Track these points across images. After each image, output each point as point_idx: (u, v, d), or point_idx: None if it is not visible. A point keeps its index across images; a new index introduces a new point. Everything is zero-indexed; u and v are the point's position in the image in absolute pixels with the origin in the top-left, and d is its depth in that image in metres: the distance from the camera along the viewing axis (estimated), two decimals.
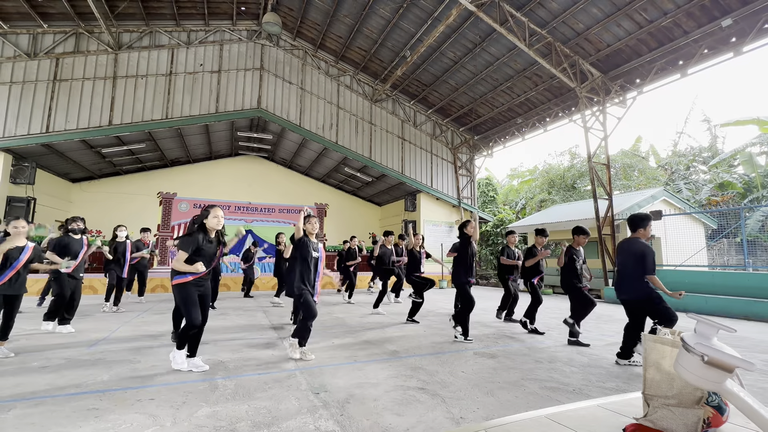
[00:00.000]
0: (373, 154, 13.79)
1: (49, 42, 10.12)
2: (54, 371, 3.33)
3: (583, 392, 3.01)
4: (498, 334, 5.38)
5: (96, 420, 2.35)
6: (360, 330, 5.50)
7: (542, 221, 14.53)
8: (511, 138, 14.96)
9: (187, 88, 11.31)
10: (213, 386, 2.99)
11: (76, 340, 4.59)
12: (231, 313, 6.88)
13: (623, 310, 4.10)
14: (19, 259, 3.89)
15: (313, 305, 3.87)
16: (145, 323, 5.78)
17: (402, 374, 3.38)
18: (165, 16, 10.92)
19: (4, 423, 2.29)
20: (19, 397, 2.72)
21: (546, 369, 3.64)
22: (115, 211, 12.78)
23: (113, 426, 2.27)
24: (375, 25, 11.21)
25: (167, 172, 14.30)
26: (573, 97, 11.87)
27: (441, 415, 2.51)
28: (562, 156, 25.28)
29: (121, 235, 6.92)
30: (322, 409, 2.58)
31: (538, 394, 2.94)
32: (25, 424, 2.27)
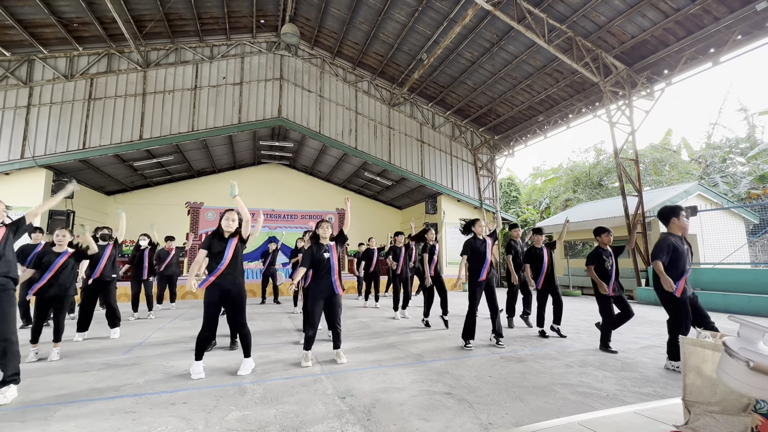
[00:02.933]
0: (393, 158, 13.83)
1: (84, 63, 10.73)
2: (94, 375, 3.50)
3: (618, 398, 2.89)
4: (525, 337, 5.25)
5: (133, 423, 2.45)
6: (384, 334, 5.50)
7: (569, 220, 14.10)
8: (532, 136, 14.66)
9: (211, 101, 11.72)
10: (242, 390, 3.06)
11: (114, 345, 4.80)
12: (257, 318, 7.03)
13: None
14: (56, 262, 4.20)
15: (313, 317, 3.86)
16: (177, 329, 5.98)
17: (427, 379, 3.35)
18: (189, 33, 11.38)
19: (51, 424, 2.42)
20: (64, 399, 2.86)
21: (577, 373, 3.52)
22: (147, 221, 13.28)
23: (149, 429, 2.36)
24: (391, 29, 11.28)
25: (194, 183, 14.81)
26: (597, 92, 11.52)
27: (469, 421, 2.47)
28: (587, 153, 24.55)
29: (142, 244, 7.21)
30: (348, 413, 2.59)
31: (569, 400, 2.84)
32: (70, 426, 2.39)
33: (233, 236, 3.53)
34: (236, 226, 3.56)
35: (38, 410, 2.66)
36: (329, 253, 4.05)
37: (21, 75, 10.24)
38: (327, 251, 4.05)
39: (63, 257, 4.29)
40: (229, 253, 3.42)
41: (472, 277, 4.67)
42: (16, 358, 2.85)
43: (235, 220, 3.56)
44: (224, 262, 3.40)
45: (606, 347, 4.40)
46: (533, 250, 5.60)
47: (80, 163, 10.57)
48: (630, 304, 4.57)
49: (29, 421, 2.48)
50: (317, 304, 3.92)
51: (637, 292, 10.00)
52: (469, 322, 4.62)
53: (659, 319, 6.89)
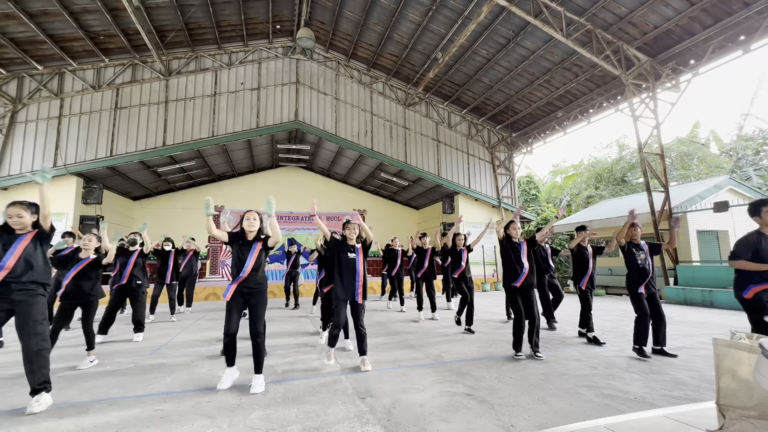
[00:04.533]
0: (409, 158, 13.80)
1: (110, 74, 11.17)
2: (123, 375, 3.63)
3: (647, 401, 2.79)
4: (547, 338, 5.14)
5: (161, 420, 2.53)
6: (402, 335, 5.49)
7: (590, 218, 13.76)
8: (551, 133, 14.36)
9: (230, 107, 12.00)
10: (264, 390, 3.11)
11: (141, 346, 4.97)
12: (277, 320, 7.14)
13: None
14: (76, 267, 4.15)
15: (338, 318, 3.81)
16: (201, 329, 6.14)
17: (447, 380, 3.32)
18: (208, 41, 11.68)
19: (85, 420, 2.53)
20: (96, 398, 2.99)
21: (602, 375, 3.42)
22: (171, 225, 13.72)
23: (176, 427, 2.43)
24: (405, 30, 11.27)
25: (215, 187, 15.18)
26: (618, 85, 11.19)
27: (490, 423, 2.43)
28: (609, 148, 23.85)
29: (166, 248, 7.37)
30: (368, 414, 2.60)
31: (594, 402, 2.77)
32: (102, 424, 2.49)
33: (257, 240, 3.42)
34: (258, 226, 3.46)
35: (73, 407, 2.78)
36: (356, 254, 3.95)
37: (53, 87, 10.75)
38: (353, 252, 3.96)
39: (83, 262, 4.23)
40: (252, 261, 3.33)
41: (508, 282, 4.37)
42: (46, 365, 2.86)
43: (257, 219, 3.46)
44: (246, 269, 3.30)
45: (640, 350, 4.07)
46: (579, 248, 5.27)
47: (108, 170, 11.00)
48: (661, 307, 4.30)
49: (65, 417, 2.59)
50: (342, 305, 3.87)
51: (665, 291, 9.64)
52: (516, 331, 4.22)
53: (688, 319, 6.62)
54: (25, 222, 3.01)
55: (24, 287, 2.86)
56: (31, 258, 2.94)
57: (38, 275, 2.95)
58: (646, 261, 4.34)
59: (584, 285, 5.13)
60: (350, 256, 3.92)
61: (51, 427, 2.45)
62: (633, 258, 4.36)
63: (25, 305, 2.86)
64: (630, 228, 4.47)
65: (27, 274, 2.89)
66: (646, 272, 4.26)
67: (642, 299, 4.23)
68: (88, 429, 2.41)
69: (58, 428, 2.42)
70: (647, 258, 4.37)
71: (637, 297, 4.25)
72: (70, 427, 2.44)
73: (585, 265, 5.17)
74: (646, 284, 4.26)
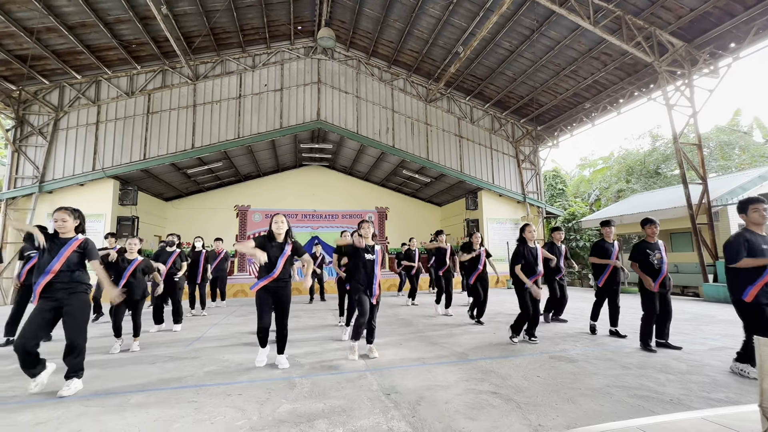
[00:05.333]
0: (431, 155, 13.70)
1: (142, 81, 11.68)
2: (160, 366, 3.82)
3: (683, 403, 2.67)
4: (577, 336, 5.00)
5: (195, 411, 2.64)
6: (426, 331, 5.48)
7: (621, 213, 13.24)
8: (578, 125, 13.89)
9: (254, 108, 12.29)
10: (291, 384, 3.19)
11: (176, 339, 5.20)
12: (303, 315, 7.29)
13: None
14: (128, 269, 4.66)
15: (364, 303, 3.96)
16: (231, 324, 6.36)
17: (472, 377, 3.30)
18: (232, 45, 11.99)
19: (127, 409, 2.69)
20: (136, 388, 3.16)
21: (635, 375, 3.30)
22: (201, 225, 14.26)
23: (209, 417, 2.54)
24: (425, 25, 11.17)
25: (241, 187, 15.61)
26: (651, 73, 10.68)
27: (516, 421, 2.40)
28: (642, 139, 22.86)
29: (197, 245, 7.70)
30: (393, 410, 2.62)
31: (627, 403, 2.68)
32: (143, 412, 2.64)
33: (287, 244, 3.70)
34: (286, 229, 3.74)
35: (115, 397, 2.95)
36: (374, 255, 4.09)
37: (90, 95, 11.36)
38: (371, 252, 4.09)
39: (134, 264, 4.72)
40: (282, 262, 3.62)
41: (520, 283, 4.64)
42: (81, 356, 3.13)
43: (284, 222, 3.74)
44: (277, 270, 3.59)
45: (646, 345, 4.17)
46: (603, 243, 5.15)
47: (142, 173, 11.52)
48: (671, 304, 4.33)
49: (108, 407, 2.76)
50: (364, 296, 4.01)
51: (703, 288, 9.16)
52: (520, 320, 4.64)
53: (730, 318, 6.27)
54: (68, 226, 3.19)
55: (67, 287, 3.09)
56: (75, 262, 3.16)
57: (80, 276, 3.19)
58: (662, 261, 4.26)
59: (601, 283, 5.00)
60: (368, 258, 4.06)
61: (97, 414, 2.61)
62: (646, 257, 4.28)
63: (71, 305, 3.09)
64: (648, 226, 4.40)
65: (70, 275, 3.12)
66: (661, 272, 4.23)
67: (654, 298, 4.21)
68: (130, 417, 2.56)
69: (102, 417, 2.58)
70: (663, 257, 4.29)
71: (650, 295, 4.22)
72: (114, 415, 2.60)
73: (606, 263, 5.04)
74: (661, 282, 4.22)
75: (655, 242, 4.36)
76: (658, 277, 4.20)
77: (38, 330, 2.98)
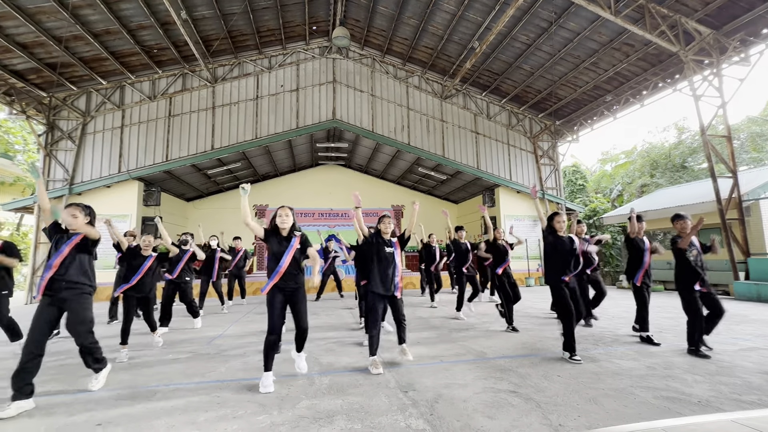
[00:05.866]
0: (446, 152, 13.59)
1: (164, 85, 12.02)
2: (183, 363, 3.93)
3: (712, 405, 2.58)
4: (598, 335, 4.89)
5: (218, 406, 2.72)
6: (444, 330, 5.46)
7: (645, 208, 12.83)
8: (599, 118, 13.51)
9: (271, 109, 12.48)
10: (310, 381, 3.24)
11: (198, 336, 5.35)
12: (321, 313, 7.37)
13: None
14: (143, 265, 4.62)
15: (376, 314, 3.74)
16: (251, 322, 6.49)
17: (491, 376, 3.27)
18: (249, 47, 12.19)
19: (153, 404, 2.79)
20: (162, 383, 3.27)
21: (661, 376, 3.20)
22: (221, 224, 14.51)
23: (232, 412, 2.60)
24: (440, 21, 11.07)
25: (259, 186, 15.88)
26: (676, 63, 10.28)
27: (536, 421, 2.37)
28: (667, 132, 22.04)
29: (212, 244, 7.84)
30: (411, 407, 2.63)
31: (652, 404, 2.60)
32: (169, 407, 2.73)
33: (294, 237, 3.39)
34: (291, 222, 3.42)
35: (143, 392, 3.07)
36: (392, 248, 3.93)
37: (115, 100, 11.76)
38: (390, 246, 3.93)
39: (149, 261, 4.71)
40: (288, 256, 3.30)
41: (553, 277, 4.07)
42: (97, 352, 3.13)
43: (289, 215, 3.41)
44: (283, 264, 3.26)
45: (697, 351, 3.86)
46: (634, 240, 4.86)
47: (164, 174, 11.87)
48: (720, 300, 4.03)
49: (136, 400, 2.87)
50: (380, 301, 3.80)
51: (734, 286, 8.79)
52: (567, 332, 3.86)
53: (763, 317, 6.00)
54: (78, 222, 3.09)
55: (70, 286, 3.00)
56: (78, 258, 3.07)
57: (84, 274, 3.09)
58: (699, 257, 4.02)
59: (639, 281, 4.78)
60: (387, 251, 3.89)
61: (125, 410, 2.72)
62: (683, 254, 4.04)
63: (73, 303, 3.01)
64: (678, 221, 4.15)
65: (73, 273, 3.02)
66: (701, 269, 3.97)
67: (697, 299, 3.94)
68: (157, 412, 2.65)
69: (132, 411, 2.68)
70: (699, 254, 4.05)
71: (692, 297, 3.94)
72: (141, 410, 2.70)
73: (640, 259, 4.82)
74: (701, 281, 3.97)
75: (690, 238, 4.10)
76: (698, 277, 3.93)
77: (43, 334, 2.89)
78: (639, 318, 4.68)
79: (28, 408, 2.71)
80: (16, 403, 2.65)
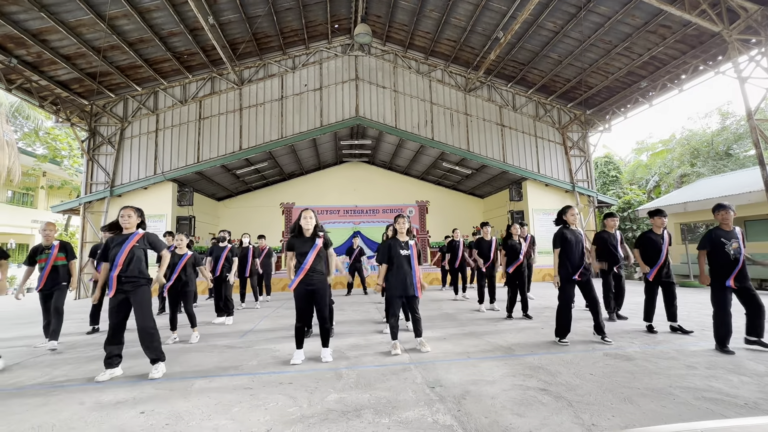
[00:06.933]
0: (471, 146, 13.37)
1: (194, 89, 12.48)
2: (218, 355, 4.11)
3: (760, 407, 2.43)
4: (634, 333, 4.69)
5: (251, 397, 2.82)
6: (470, 325, 5.41)
7: (684, 199, 12.16)
8: (633, 106, 12.87)
9: (295, 108, 12.70)
10: (338, 375, 3.30)
11: (231, 330, 5.57)
12: (347, 309, 7.47)
13: None
14: (179, 264, 5.09)
15: (394, 305, 3.98)
16: (280, 317, 6.68)
17: (520, 373, 3.22)
18: (273, 48, 12.44)
19: (190, 394, 2.93)
20: (198, 374, 3.43)
21: (703, 376, 3.04)
22: (250, 222, 15.04)
23: (264, 404, 2.70)
24: (463, 12, 10.85)
25: (286, 185, 16.25)
26: (719, 44, 9.63)
27: (568, 419, 2.32)
28: (709, 117, 20.66)
29: (245, 241, 8.12)
30: (438, 403, 2.63)
31: (692, 405, 2.48)
32: (205, 396, 2.86)
33: (317, 237, 3.71)
34: (314, 223, 3.74)
35: (180, 382, 3.23)
36: (408, 250, 4.04)
37: (150, 105, 12.33)
38: (405, 248, 4.04)
39: (184, 259, 5.16)
40: (312, 255, 3.63)
41: (563, 271, 4.28)
42: (157, 340, 3.48)
43: (312, 218, 3.74)
44: (307, 262, 3.61)
45: (723, 347, 3.72)
46: (650, 234, 4.79)
47: (196, 175, 12.36)
48: (759, 298, 3.77)
49: (175, 390, 3.02)
50: (396, 300, 3.98)
51: None
52: (560, 317, 4.23)
53: None
54: (132, 222, 3.54)
55: (131, 280, 3.42)
56: (137, 254, 3.48)
57: (142, 269, 3.51)
58: (739, 251, 3.77)
59: (651, 276, 4.61)
60: (403, 253, 4.00)
61: (165, 399, 2.87)
62: (720, 247, 3.81)
63: (135, 294, 3.43)
64: (720, 212, 3.92)
65: (133, 268, 3.44)
66: (737, 263, 3.74)
67: (727, 294, 3.75)
68: (194, 400, 2.79)
69: (171, 400, 2.83)
70: (740, 247, 3.79)
71: (722, 291, 3.77)
72: (180, 398, 2.85)
73: (656, 255, 4.61)
74: (736, 276, 3.73)
75: (732, 230, 3.89)
76: (735, 269, 3.73)
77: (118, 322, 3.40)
78: (645, 309, 4.78)
79: (118, 374, 3.42)
80: (108, 371, 3.36)
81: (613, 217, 5.84)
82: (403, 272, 3.97)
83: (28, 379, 3.44)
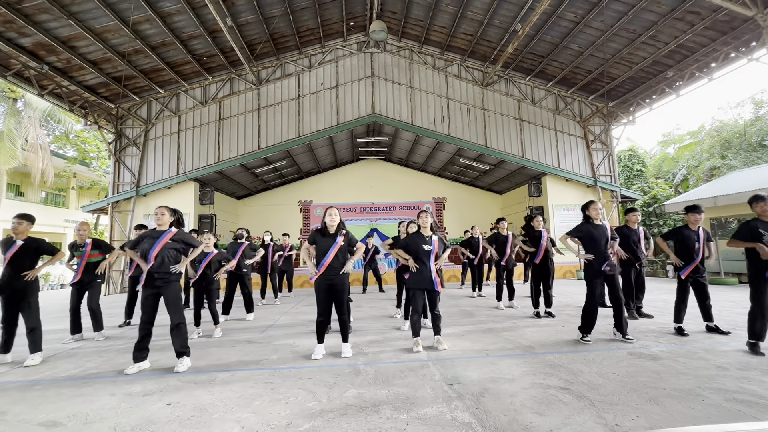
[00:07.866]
0: (489, 141, 13.18)
1: (214, 90, 12.76)
2: (240, 350, 4.21)
3: None
4: (660, 332, 4.55)
5: (272, 392, 2.88)
6: (489, 323, 5.36)
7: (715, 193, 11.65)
8: (659, 97, 12.39)
9: (312, 107, 12.81)
10: (357, 371, 3.33)
11: (252, 325, 5.70)
12: (365, 306, 7.52)
13: None
14: (204, 261, 5.29)
15: (417, 304, 4.06)
16: (300, 313, 6.79)
17: (540, 371, 3.17)
18: (290, 48, 12.56)
19: (214, 386, 3.02)
20: (220, 368, 3.53)
21: (734, 377, 2.92)
22: (268, 219, 15.30)
23: (284, 398, 2.75)
24: (479, 5, 10.67)
25: (303, 183, 16.43)
26: (752, 29, 9.15)
27: (590, 419, 2.27)
28: (741, 107, 19.69)
29: (266, 239, 8.29)
30: (456, 400, 2.62)
31: (723, 407, 2.39)
32: (228, 389, 2.95)
33: (339, 235, 3.83)
34: (338, 221, 3.88)
35: (204, 375, 3.33)
36: (431, 246, 4.09)
37: (172, 107, 12.68)
38: (428, 244, 4.09)
39: (209, 256, 5.37)
40: (333, 251, 3.76)
41: (589, 266, 4.24)
42: (184, 335, 3.62)
43: (337, 215, 3.90)
44: (328, 258, 3.74)
45: (754, 346, 3.58)
46: (685, 230, 4.56)
47: (217, 174, 12.65)
48: None
49: (199, 383, 3.12)
50: (419, 293, 4.06)
51: None
52: (587, 314, 4.15)
53: None
54: (165, 220, 3.72)
55: (162, 276, 3.56)
56: (168, 251, 3.64)
57: (173, 265, 3.67)
58: None
59: (684, 275, 4.43)
60: (425, 249, 4.06)
61: (190, 392, 2.97)
62: (758, 238, 3.62)
63: (166, 290, 3.58)
64: (758, 203, 3.73)
65: (165, 265, 3.60)
66: None
67: (764, 288, 3.59)
68: (217, 393, 2.87)
69: (195, 393, 2.92)
70: None
71: (762, 285, 3.59)
72: (204, 391, 2.94)
73: (689, 252, 4.42)
74: None
75: None
76: None
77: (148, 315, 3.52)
78: (675, 309, 4.53)
79: (146, 367, 3.52)
80: (136, 365, 3.48)
81: (635, 212, 5.66)
82: (424, 268, 4.05)
83: (63, 371, 3.61)
